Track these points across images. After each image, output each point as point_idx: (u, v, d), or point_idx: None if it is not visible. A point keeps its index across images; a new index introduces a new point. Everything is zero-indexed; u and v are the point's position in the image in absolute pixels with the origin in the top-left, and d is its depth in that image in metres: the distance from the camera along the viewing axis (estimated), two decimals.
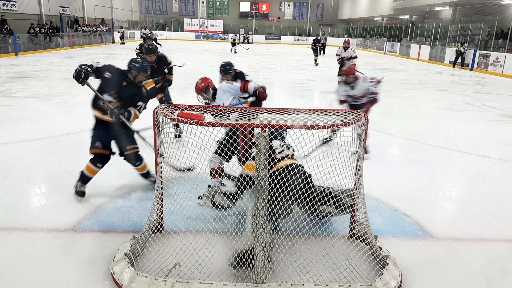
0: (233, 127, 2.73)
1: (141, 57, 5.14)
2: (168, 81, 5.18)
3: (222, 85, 3.58)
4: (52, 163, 4.24)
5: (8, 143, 4.92)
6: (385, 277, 2.26)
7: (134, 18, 36.02)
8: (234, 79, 3.99)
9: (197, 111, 2.60)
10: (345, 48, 10.08)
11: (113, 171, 3.58)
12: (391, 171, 4.41)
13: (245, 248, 2.36)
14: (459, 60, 16.61)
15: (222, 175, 3.31)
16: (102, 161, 3.32)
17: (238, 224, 2.46)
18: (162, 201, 2.66)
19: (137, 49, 6.87)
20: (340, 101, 4.80)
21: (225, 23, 37.55)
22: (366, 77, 4.71)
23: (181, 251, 2.41)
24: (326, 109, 2.71)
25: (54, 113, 6.65)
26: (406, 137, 5.78)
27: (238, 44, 22.99)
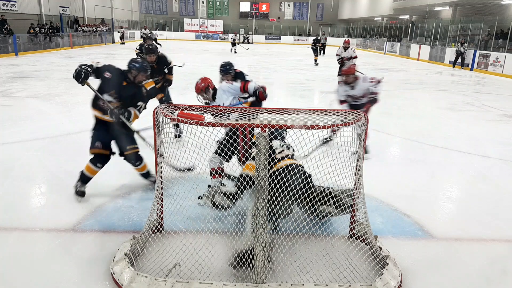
0: (233, 127, 2.73)
1: (141, 57, 5.14)
2: (168, 81, 5.19)
3: (222, 85, 3.58)
4: (52, 163, 4.24)
5: (8, 143, 4.92)
6: (385, 277, 2.26)
7: (134, 18, 36.03)
8: (234, 79, 3.99)
9: (197, 111, 2.60)
10: (345, 48, 10.08)
11: (113, 171, 3.58)
12: (391, 171, 4.41)
13: (245, 248, 2.36)
14: (459, 60, 16.62)
15: (222, 175, 3.31)
16: (102, 161, 3.33)
17: (238, 224, 2.46)
18: (162, 201, 2.66)
19: (137, 49, 6.87)
20: (340, 101, 4.80)
21: (225, 23, 37.56)
22: (366, 77, 4.71)
23: (181, 251, 2.41)
24: (326, 109, 2.71)
25: (54, 113, 6.65)
26: (406, 137, 5.78)
27: (238, 44, 22.98)
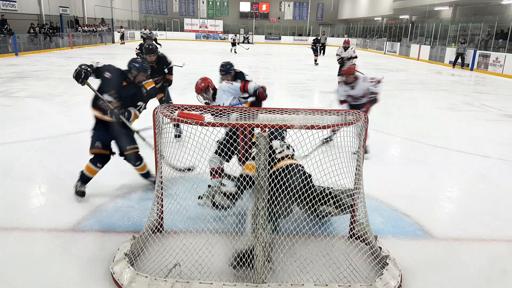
0: (233, 127, 2.73)
1: (141, 57, 5.13)
2: (168, 81, 5.19)
3: (222, 85, 3.57)
4: (52, 163, 4.24)
5: (8, 143, 4.92)
6: (385, 277, 2.26)
7: (134, 18, 36.03)
8: (234, 79, 3.99)
9: (197, 111, 2.60)
10: (345, 48, 10.08)
11: (113, 171, 3.58)
12: (391, 171, 4.41)
13: (245, 248, 2.36)
14: (459, 60, 16.62)
15: (222, 175, 3.31)
16: (102, 161, 3.33)
17: (238, 224, 2.46)
18: (162, 201, 2.66)
19: (137, 49, 6.87)
20: (340, 101, 4.80)
21: (225, 23, 37.56)
22: (366, 77, 4.71)
23: (181, 251, 2.41)
24: (326, 109, 2.71)
25: (54, 113, 6.65)
26: (406, 137, 5.78)
27: (238, 44, 22.98)
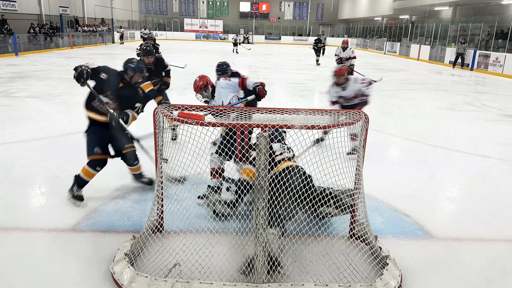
0: (233, 127, 2.72)
1: (141, 57, 5.10)
2: (166, 83, 5.13)
3: (219, 82, 3.56)
4: (52, 163, 4.24)
5: (8, 143, 4.92)
6: (385, 277, 2.26)
7: (134, 18, 36.02)
8: None
9: (197, 111, 2.59)
10: (344, 48, 10.08)
11: (112, 172, 3.57)
12: (391, 171, 4.41)
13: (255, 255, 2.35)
14: (459, 60, 16.62)
15: (222, 175, 3.31)
16: (101, 164, 3.27)
17: (241, 226, 2.46)
18: (162, 201, 2.66)
19: (137, 49, 6.86)
20: (332, 102, 4.75)
21: (225, 23, 37.56)
22: (357, 78, 4.67)
23: (181, 251, 2.41)
24: (326, 109, 2.71)
25: (54, 113, 6.65)
26: (406, 137, 5.78)
27: (240, 44, 22.97)
